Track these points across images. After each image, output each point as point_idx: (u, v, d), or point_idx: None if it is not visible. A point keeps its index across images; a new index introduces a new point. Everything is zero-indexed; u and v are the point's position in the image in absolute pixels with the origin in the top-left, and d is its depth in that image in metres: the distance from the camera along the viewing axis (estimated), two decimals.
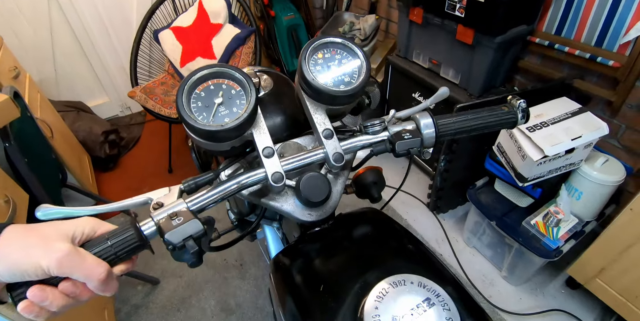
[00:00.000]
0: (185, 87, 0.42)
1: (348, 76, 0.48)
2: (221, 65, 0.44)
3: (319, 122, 0.48)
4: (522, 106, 0.52)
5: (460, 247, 1.50)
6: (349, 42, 0.48)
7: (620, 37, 1.16)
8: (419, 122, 0.50)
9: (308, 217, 0.49)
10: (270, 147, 0.45)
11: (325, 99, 0.48)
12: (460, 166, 1.43)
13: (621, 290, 1.11)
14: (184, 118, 0.41)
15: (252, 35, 1.86)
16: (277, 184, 0.45)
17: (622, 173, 1.14)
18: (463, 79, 1.45)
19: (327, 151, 0.47)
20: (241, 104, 0.44)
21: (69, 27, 2.02)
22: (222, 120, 0.43)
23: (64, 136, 1.64)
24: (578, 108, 1.15)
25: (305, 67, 0.46)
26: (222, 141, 0.45)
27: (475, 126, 0.51)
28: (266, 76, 0.57)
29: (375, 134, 0.50)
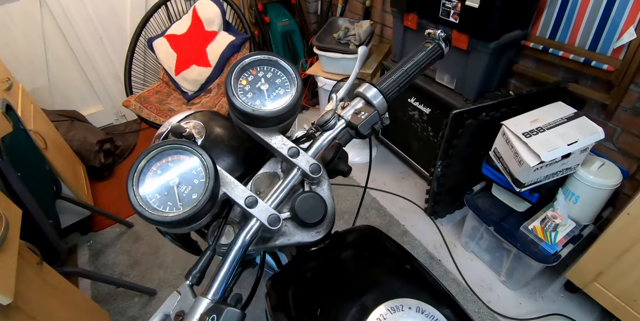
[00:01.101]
0: (134, 187, 0.39)
1: (281, 87, 0.46)
2: (159, 145, 0.40)
3: (279, 146, 0.47)
4: (442, 36, 0.55)
5: (459, 252, 1.50)
6: (263, 54, 0.46)
7: (613, 42, 1.16)
8: (366, 95, 0.50)
9: (317, 236, 0.48)
10: (251, 196, 0.43)
11: (273, 122, 0.46)
12: (457, 170, 1.43)
13: (619, 293, 1.10)
14: (149, 218, 0.38)
15: (247, 42, 1.86)
16: (276, 227, 0.43)
17: (618, 176, 1.14)
18: (458, 84, 1.45)
19: (301, 168, 0.46)
20: (198, 172, 0.41)
21: (62, 36, 2.01)
22: (191, 199, 0.39)
23: (58, 146, 1.62)
24: (573, 113, 1.15)
25: (238, 102, 0.43)
26: (200, 219, 0.41)
27: (413, 73, 0.54)
28: (193, 122, 0.54)
29: (333, 127, 0.49)
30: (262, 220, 0.43)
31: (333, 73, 1.95)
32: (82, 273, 1.27)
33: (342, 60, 1.86)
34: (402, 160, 1.90)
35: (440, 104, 1.48)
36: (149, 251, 1.57)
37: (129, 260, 1.54)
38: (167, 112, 1.72)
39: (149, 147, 0.41)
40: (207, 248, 0.44)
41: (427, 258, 1.47)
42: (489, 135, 1.25)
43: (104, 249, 1.59)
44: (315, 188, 0.50)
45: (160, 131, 0.58)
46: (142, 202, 0.39)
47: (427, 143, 1.67)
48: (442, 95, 1.46)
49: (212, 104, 1.76)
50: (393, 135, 1.90)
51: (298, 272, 0.50)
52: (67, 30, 2.00)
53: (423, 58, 0.54)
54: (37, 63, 2.01)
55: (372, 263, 0.47)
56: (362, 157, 1.95)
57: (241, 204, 0.43)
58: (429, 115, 1.58)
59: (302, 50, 2.42)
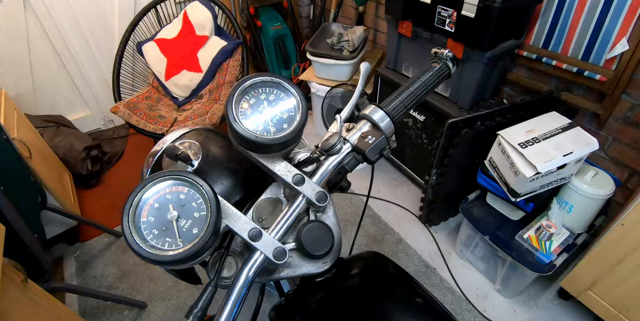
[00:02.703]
0: (130, 224, 0.36)
1: (285, 111, 0.44)
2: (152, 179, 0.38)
3: (283, 174, 0.44)
4: (450, 55, 0.54)
5: (454, 260, 1.49)
6: (265, 76, 0.43)
7: (606, 52, 1.18)
8: (372, 118, 0.48)
9: (323, 267, 0.46)
10: (255, 228, 0.41)
11: (277, 148, 0.43)
12: (452, 179, 1.43)
13: (613, 302, 1.11)
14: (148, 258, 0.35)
15: (239, 47, 1.83)
16: (282, 260, 0.41)
17: (611, 186, 1.15)
18: (453, 93, 1.45)
19: (307, 196, 0.44)
20: (199, 204, 0.38)
21: (47, 38, 1.95)
22: (191, 235, 0.37)
23: (43, 154, 1.57)
24: (568, 123, 1.16)
25: (240, 128, 0.41)
26: (202, 254, 0.39)
27: (421, 94, 0.52)
28: (188, 141, 0.51)
29: (339, 151, 0.47)
30: (267, 254, 0.41)
31: (326, 79, 1.94)
32: (68, 289, 1.22)
33: (335, 66, 1.85)
34: (396, 167, 1.90)
35: (434, 112, 1.48)
36: (138, 262, 1.52)
37: (117, 272, 1.49)
38: (157, 118, 1.68)
39: (146, 179, 0.39)
40: (208, 283, 0.41)
41: (422, 267, 1.46)
42: (484, 144, 1.25)
43: (91, 260, 1.54)
44: (321, 216, 0.48)
45: (155, 150, 0.55)
46: (139, 239, 0.36)
47: (421, 150, 1.67)
48: (436, 103, 1.46)
49: (204, 111, 1.72)
50: None
51: (303, 304, 0.48)
52: (52, 33, 1.94)
53: (430, 78, 0.52)
54: (20, 67, 1.94)
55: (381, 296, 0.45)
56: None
57: (245, 237, 0.41)
58: (424, 122, 1.57)
59: (295, 55, 2.40)
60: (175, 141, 0.53)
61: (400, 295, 0.46)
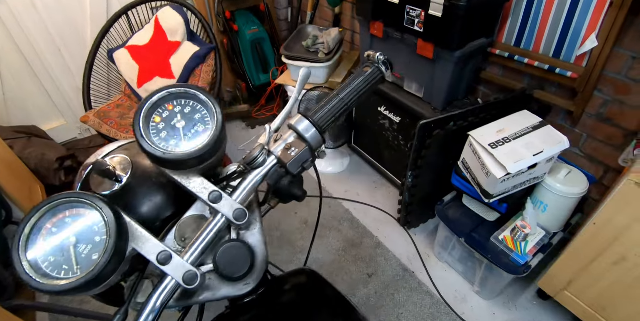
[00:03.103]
0: (19, 251, 0.34)
1: (200, 123, 0.41)
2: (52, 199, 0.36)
3: (199, 191, 0.42)
4: (381, 59, 0.51)
5: (432, 262, 1.47)
6: (177, 87, 0.41)
7: (576, 49, 1.16)
8: (297, 128, 0.46)
9: (245, 288, 0.43)
10: (164, 251, 0.38)
11: (192, 163, 0.41)
12: (427, 180, 1.41)
13: (589, 301, 1.10)
14: (41, 289, 0.33)
15: (211, 52, 1.79)
16: (194, 284, 0.38)
17: (585, 183, 1.13)
18: (426, 93, 1.43)
19: (224, 214, 0.41)
20: (99, 228, 0.36)
21: (15, 46, 1.90)
22: (90, 260, 0.35)
23: (10, 166, 1.52)
24: (539, 122, 1.14)
25: (148, 145, 0.38)
26: (104, 281, 0.36)
27: (351, 100, 0.49)
28: (119, 156, 0.48)
29: (263, 164, 0.44)
30: (177, 278, 0.38)
31: None
32: (34, 306, 1.18)
33: (310, 69, 1.82)
34: (375, 169, 1.87)
35: (409, 112, 1.46)
36: None
37: None
38: (128, 127, 1.64)
39: (42, 201, 0.36)
40: (118, 310, 0.39)
41: (400, 270, 1.44)
42: (457, 145, 1.23)
43: None
44: (244, 233, 0.45)
45: (88, 162, 0.53)
46: (29, 268, 0.33)
47: (398, 152, 1.64)
48: (410, 104, 1.44)
49: None
50: (365, 144, 1.87)
51: None
52: (20, 40, 1.89)
53: (361, 84, 0.49)
54: None
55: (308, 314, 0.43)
56: (334, 167, 1.91)
57: (153, 260, 0.38)
58: (399, 124, 1.55)
59: (273, 58, 2.37)
60: (109, 154, 0.51)
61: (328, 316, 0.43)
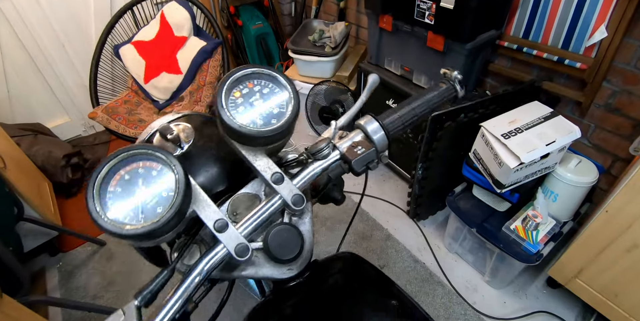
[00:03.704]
0: (94, 192, 0.35)
1: (276, 106, 0.43)
2: (128, 149, 0.37)
3: (263, 169, 0.43)
4: (459, 78, 0.52)
5: (442, 254, 1.49)
6: (263, 68, 0.42)
7: (585, 40, 1.17)
8: (366, 129, 0.46)
9: (288, 273, 0.44)
10: (222, 219, 0.40)
11: (261, 142, 0.42)
12: (438, 173, 1.42)
13: (600, 289, 1.12)
14: (107, 229, 0.34)
15: (219, 47, 1.79)
16: (244, 257, 0.39)
17: (595, 173, 1.15)
18: None
19: (283, 197, 0.42)
20: (169, 185, 0.37)
21: (20, 45, 1.89)
22: (155, 213, 0.36)
23: (19, 164, 1.52)
24: (550, 112, 1.15)
25: (226, 116, 0.39)
26: (162, 235, 0.38)
27: (421, 112, 0.50)
28: (183, 124, 0.50)
29: (326, 157, 0.45)
30: (229, 248, 0.39)
31: (309, 76, 1.91)
32: (48, 301, 1.19)
33: (317, 63, 1.82)
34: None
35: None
36: (123, 269, 1.49)
37: (102, 281, 1.46)
38: (137, 123, 1.64)
39: (121, 149, 0.37)
40: (165, 267, 0.40)
41: (411, 262, 1.46)
42: (468, 136, 1.24)
43: (74, 270, 1.50)
44: (296, 221, 0.46)
45: (153, 125, 0.54)
46: (100, 209, 0.35)
47: (407, 145, 1.65)
48: None
49: None
50: None
51: (277, 308, 0.46)
52: (25, 38, 1.88)
53: (434, 98, 0.50)
54: None
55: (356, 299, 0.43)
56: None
57: (210, 226, 0.39)
58: None
59: (277, 53, 2.38)
60: (171, 122, 0.52)
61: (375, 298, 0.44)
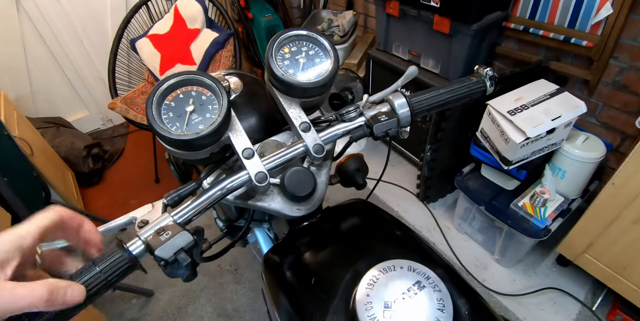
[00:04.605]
0: (154, 99, 0.41)
1: (317, 67, 0.48)
2: (188, 72, 0.43)
3: (294, 117, 0.48)
4: (490, 74, 0.53)
5: (452, 234, 1.52)
6: (314, 32, 0.48)
7: (591, 18, 1.18)
8: (393, 103, 0.51)
9: (297, 212, 0.49)
10: (250, 148, 0.45)
11: (298, 93, 0.48)
12: (446, 154, 1.45)
13: (609, 262, 1.13)
14: (157, 131, 0.41)
15: (230, 38, 1.85)
16: (262, 184, 0.44)
17: (602, 149, 1.16)
18: (443, 68, 1.46)
19: (306, 144, 0.47)
20: (213, 109, 0.43)
21: (41, 40, 1.98)
22: (197, 128, 0.42)
23: (45, 153, 1.60)
24: (556, 89, 1.17)
25: (273, 63, 0.45)
26: (199, 149, 0.44)
27: (448, 99, 0.53)
28: (235, 78, 0.56)
29: (352, 120, 0.51)
30: (251, 174, 0.45)
31: None
32: None
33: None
34: (391, 147, 1.92)
35: (426, 89, 1.49)
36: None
37: None
38: None
39: (181, 71, 0.43)
40: (193, 180, 0.47)
41: None
42: (476, 116, 1.26)
43: None
44: (314, 170, 0.51)
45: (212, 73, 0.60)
46: (157, 114, 0.41)
47: (415, 129, 1.67)
48: (427, 80, 1.47)
49: None
50: None
51: (291, 247, 0.51)
52: (46, 35, 1.97)
53: (462, 89, 0.53)
54: (18, 70, 1.98)
55: (364, 232, 0.48)
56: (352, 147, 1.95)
57: (238, 152, 0.45)
58: None
59: None
60: (227, 74, 0.59)
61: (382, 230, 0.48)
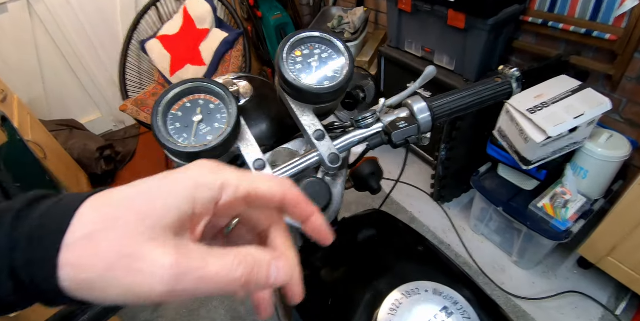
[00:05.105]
0: (159, 109, 0.39)
1: (331, 70, 0.45)
2: (195, 79, 0.41)
3: (307, 124, 0.46)
4: (516, 75, 0.49)
5: (468, 235, 1.48)
6: (327, 34, 0.45)
7: (615, 9, 1.13)
8: (412, 107, 0.47)
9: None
10: (261, 159, 0.43)
11: (310, 99, 0.45)
12: (462, 153, 1.41)
13: (634, 266, 1.09)
14: (162, 142, 0.39)
15: (240, 37, 1.83)
16: None
17: (627, 147, 1.11)
18: (458, 65, 1.42)
19: (320, 153, 0.45)
20: (222, 118, 0.41)
21: (53, 44, 2.00)
22: (205, 138, 0.40)
23: (58, 155, 1.62)
24: (578, 85, 1.12)
25: (283, 68, 0.43)
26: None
27: (471, 102, 0.49)
28: (244, 82, 0.53)
29: (369, 126, 0.48)
30: None
31: None
32: None
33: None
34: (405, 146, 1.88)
35: (440, 86, 1.45)
36: None
37: None
38: None
39: (189, 78, 0.41)
40: None
41: (436, 243, 1.45)
42: (492, 114, 1.22)
43: None
44: (329, 180, 0.48)
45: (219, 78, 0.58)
46: (162, 124, 0.40)
47: None
48: (441, 77, 1.43)
49: None
50: None
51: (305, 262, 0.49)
52: (58, 38, 1.99)
53: (486, 91, 0.49)
54: (31, 73, 2.00)
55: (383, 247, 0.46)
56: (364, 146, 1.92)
57: (249, 163, 0.43)
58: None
59: None
60: (234, 79, 0.57)
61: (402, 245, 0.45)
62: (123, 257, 0.18)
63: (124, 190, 0.20)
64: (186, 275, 0.18)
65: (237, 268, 0.19)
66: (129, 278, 0.18)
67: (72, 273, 0.18)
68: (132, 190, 0.20)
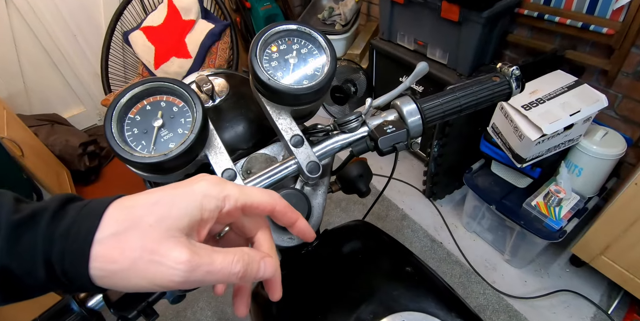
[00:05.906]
0: (114, 113, 0.35)
1: (311, 67, 0.41)
2: (154, 79, 0.36)
3: (284, 129, 0.41)
4: (516, 74, 0.45)
5: (460, 233, 1.46)
6: (307, 27, 0.40)
7: (612, 3, 1.09)
8: (401, 109, 0.43)
9: (289, 242, 0.42)
10: (231, 169, 0.38)
11: (288, 100, 0.40)
12: (454, 150, 1.38)
13: (628, 265, 1.07)
14: (116, 151, 0.34)
15: (227, 29, 1.77)
16: None
17: (622, 145, 1.09)
18: (451, 59, 1.38)
19: (299, 161, 0.40)
20: (186, 123, 0.37)
21: (33, 35, 1.91)
22: (166, 147, 0.36)
23: (37, 152, 1.55)
24: (574, 81, 1.09)
25: (257, 66, 0.38)
26: (171, 171, 0.38)
27: (466, 104, 0.44)
28: (221, 79, 0.49)
29: (353, 131, 0.43)
30: None
31: None
32: None
33: None
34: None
35: (433, 81, 1.42)
36: None
37: None
38: None
39: (149, 77, 0.37)
40: None
41: (428, 241, 1.43)
42: (486, 110, 1.18)
43: None
44: (309, 191, 0.44)
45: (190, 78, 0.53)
46: (117, 131, 0.35)
47: None
48: (434, 71, 1.39)
49: None
50: None
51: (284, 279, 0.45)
52: (37, 29, 1.90)
53: (483, 91, 0.44)
54: (9, 67, 1.91)
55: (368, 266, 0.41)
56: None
57: (218, 173, 0.38)
58: (422, 93, 1.51)
59: None
60: (209, 76, 0.52)
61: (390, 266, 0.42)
62: (146, 252, 0.22)
63: (143, 197, 0.24)
64: (198, 268, 0.22)
65: (236, 264, 0.24)
66: (151, 269, 0.22)
67: (102, 265, 0.22)
68: (151, 197, 0.24)
